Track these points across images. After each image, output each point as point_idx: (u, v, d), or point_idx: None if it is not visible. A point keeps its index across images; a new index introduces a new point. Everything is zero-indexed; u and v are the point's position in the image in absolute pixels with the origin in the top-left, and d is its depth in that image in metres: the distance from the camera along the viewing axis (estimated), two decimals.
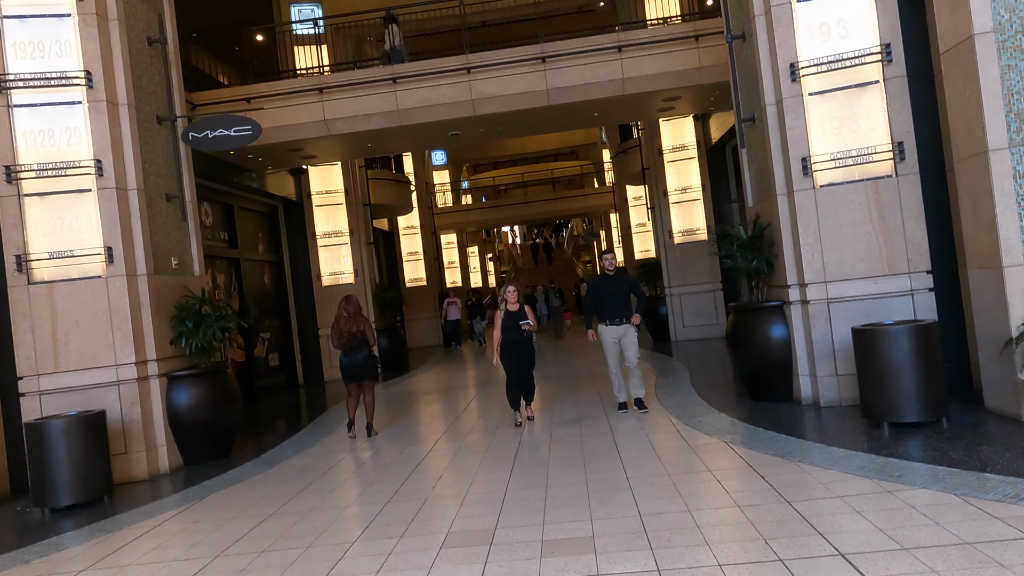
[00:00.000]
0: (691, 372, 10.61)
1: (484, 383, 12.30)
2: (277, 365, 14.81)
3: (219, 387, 8.04)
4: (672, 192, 15.69)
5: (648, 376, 10.63)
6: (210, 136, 8.24)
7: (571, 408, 8.63)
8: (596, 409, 8.40)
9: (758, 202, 8.06)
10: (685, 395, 8.64)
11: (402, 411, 10.05)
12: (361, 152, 13.96)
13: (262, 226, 15.00)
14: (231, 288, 13.24)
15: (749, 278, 7.75)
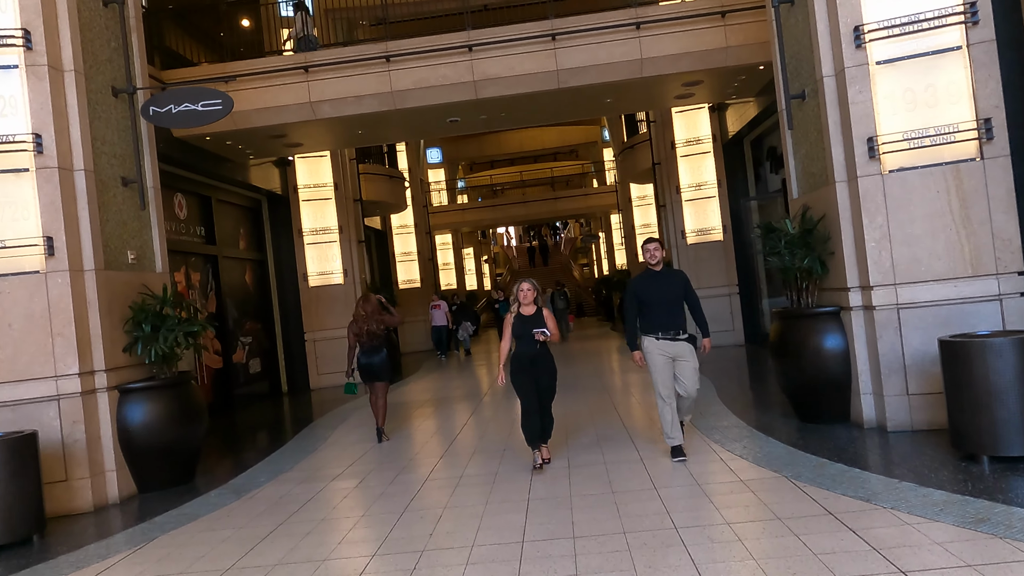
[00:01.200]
0: (716, 386, 9.54)
1: (485, 395, 11.20)
2: (259, 372, 13.68)
3: (181, 401, 6.91)
4: (685, 189, 14.64)
5: None
6: (174, 111, 7.13)
7: (587, 425, 7.54)
8: (616, 428, 7.31)
9: (807, 191, 7.00)
10: (718, 413, 7.56)
11: (393, 427, 8.94)
12: (351, 140, 12.86)
13: (244, 221, 13.87)
14: (208, 288, 12.11)
15: (799, 279, 6.68)
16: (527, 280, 6.09)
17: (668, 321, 5.76)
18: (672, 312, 5.78)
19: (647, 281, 5.89)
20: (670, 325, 5.76)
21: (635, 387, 10.23)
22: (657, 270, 5.89)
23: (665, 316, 5.75)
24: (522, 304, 6.03)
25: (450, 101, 10.27)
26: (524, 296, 6.01)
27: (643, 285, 5.88)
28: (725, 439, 6.34)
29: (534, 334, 5.85)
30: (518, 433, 7.44)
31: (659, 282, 5.84)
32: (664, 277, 5.89)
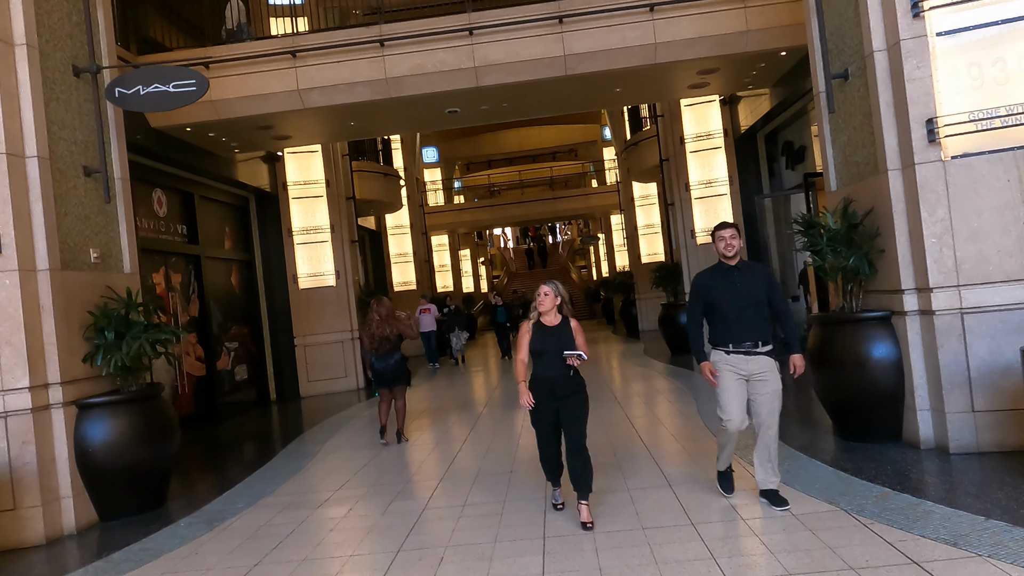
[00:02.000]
0: None
1: (483, 407, 10.46)
2: (245, 379, 12.91)
3: (149, 417, 6.15)
4: (695, 186, 13.94)
5: (684, 398, 8.84)
6: (143, 93, 6.38)
7: (602, 444, 6.79)
8: (635, 447, 6.58)
9: (849, 182, 6.27)
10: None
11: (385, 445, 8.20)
12: (343, 132, 12.11)
13: (230, 219, 13.11)
14: (190, 290, 11.35)
15: (844, 281, 5.96)
16: (549, 283, 4.76)
17: (744, 330, 4.48)
18: (749, 318, 4.49)
19: (719, 277, 4.60)
20: (746, 335, 4.47)
21: (651, 398, 9.50)
22: (732, 264, 4.58)
23: (740, 323, 4.49)
24: (541, 312, 4.71)
25: (449, 89, 9.54)
26: (543, 303, 4.69)
27: (713, 282, 4.61)
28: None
29: (565, 357, 4.52)
30: (525, 452, 6.72)
31: (734, 279, 4.54)
32: (741, 273, 4.56)
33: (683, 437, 6.76)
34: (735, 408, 4.55)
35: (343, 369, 14.03)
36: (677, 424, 7.43)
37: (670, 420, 7.67)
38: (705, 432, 6.85)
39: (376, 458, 7.42)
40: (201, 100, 9.51)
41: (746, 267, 4.64)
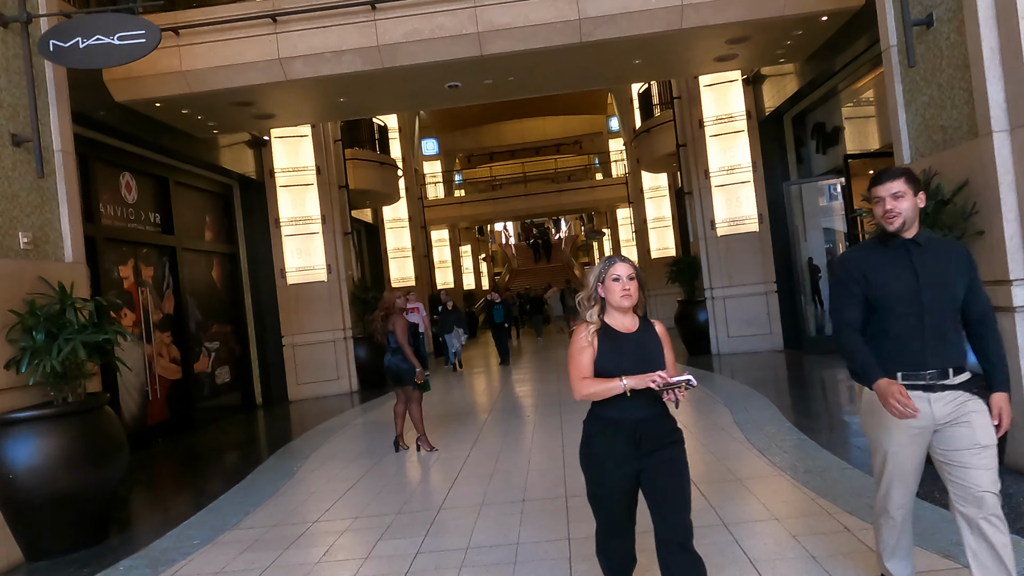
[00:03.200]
0: (777, 403, 7.76)
1: (484, 419, 9.41)
2: (228, 382, 11.87)
3: (88, 435, 5.12)
4: (715, 173, 12.88)
5: (713, 406, 7.79)
6: (82, 46, 5.34)
7: None
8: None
9: (930, 151, 5.22)
10: (799, 446, 5.79)
11: (377, 457, 7.16)
12: (332, 111, 11.05)
13: (210, 208, 12.06)
14: (163, 285, 10.30)
15: None
16: (622, 259, 2.86)
17: (930, 346, 2.68)
18: (937, 325, 2.68)
19: (885, 258, 2.75)
20: (934, 355, 2.68)
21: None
22: (908, 236, 2.72)
23: (923, 335, 2.67)
24: (615, 307, 2.83)
25: (449, 58, 8.48)
26: (622, 292, 2.79)
27: (876, 263, 2.75)
28: (827, 485, 4.56)
29: (660, 389, 2.61)
30: (536, 475, 5.66)
31: (911, 261, 2.71)
32: (924, 251, 2.72)
33: (727, 457, 5.72)
34: (907, 483, 2.78)
35: (335, 371, 13.00)
36: (716, 441, 6.38)
37: (707, 436, 6.62)
38: (751, 451, 5.79)
39: (366, 477, 6.38)
40: (171, 71, 8.54)
41: (930, 244, 2.76)
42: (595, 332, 2.81)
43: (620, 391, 2.66)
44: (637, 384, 2.63)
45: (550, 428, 7.65)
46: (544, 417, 8.39)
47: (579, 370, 2.79)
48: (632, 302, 2.79)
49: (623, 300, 2.78)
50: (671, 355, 2.85)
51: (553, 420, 8.09)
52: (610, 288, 2.79)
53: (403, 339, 7.04)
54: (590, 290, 2.87)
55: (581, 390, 2.76)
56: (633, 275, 2.80)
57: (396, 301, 7.26)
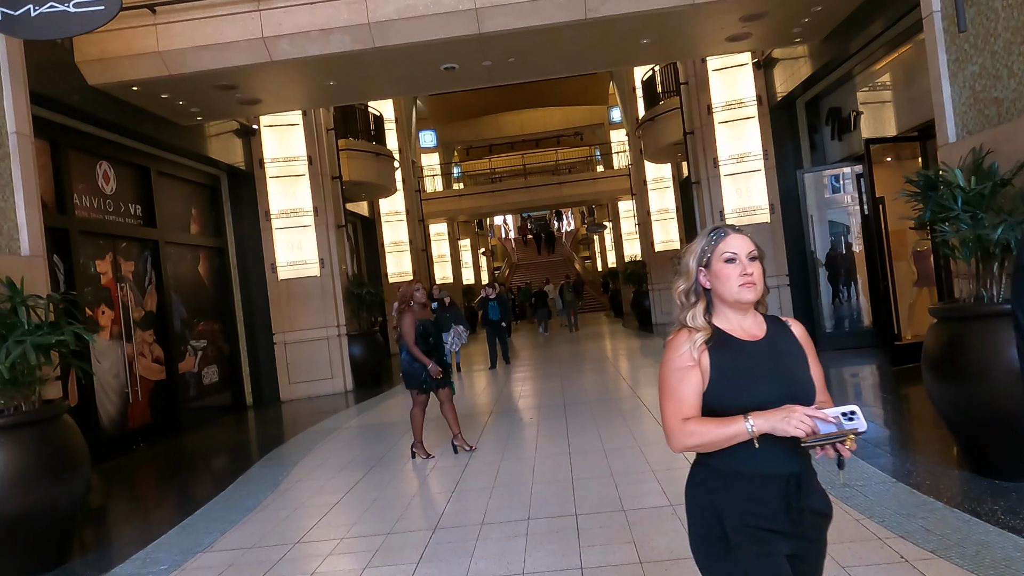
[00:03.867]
0: None
1: (492, 415, 8.89)
2: (216, 382, 11.34)
3: (43, 448, 4.58)
4: (725, 161, 12.33)
5: None
6: (34, 13, 4.80)
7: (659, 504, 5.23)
8: None
9: (981, 127, 4.68)
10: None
11: (369, 466, 6.63)
12: (322, 96, 10.47)
13: (196, 200, 11.51)
14: (145, 281, 9.76)
15: (982, 260, 4.37)
16: (734, 230, 1.89)
17: None
18: None
19: None
20: None
21: None
22: None
23: None
24: (729, 304, 1.85)
25: (444, 37, 7.93)
26: (742, 280, 1.81)
27: None
28: (887, 511, 4.03)
29: (812, 444, 1.67)
30: (541, 488, 5.12)
31: None
32: None
33: None
34: None
35: (328, 369, 12.47)
36: None
37: None
38: None
39: (356, 489, 5.85)
40: (147, 51, 7.98)
41: None
42: (703, 343, 1.79)
43: (745, 437, 1.69)
44: (771, 427, 1.66)
45: (554, 433, 7.13)
46: (547, 420, 7.87)
47: (680, 406, 1.77)
48: (756, 295, 1.81)
49: (744, 292, 1.79)
50: (820, 372, 1.89)
51: (557, 424, 7.56)
52: (722, 274, 1.81)
53: (408, 337, 6.46)
54: (688, 277, 1.87)
55: (683, 439, 1.75)
56: (755, 253, 1.84)
57: (414, 294, 6.60)
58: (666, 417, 1.79)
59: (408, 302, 6.61)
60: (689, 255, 1.89)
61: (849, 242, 11.20)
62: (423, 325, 6.54)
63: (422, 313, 6.64)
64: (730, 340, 1.82)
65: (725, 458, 1.77)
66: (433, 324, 6.65)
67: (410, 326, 6.48)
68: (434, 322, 6.66)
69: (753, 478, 1.76)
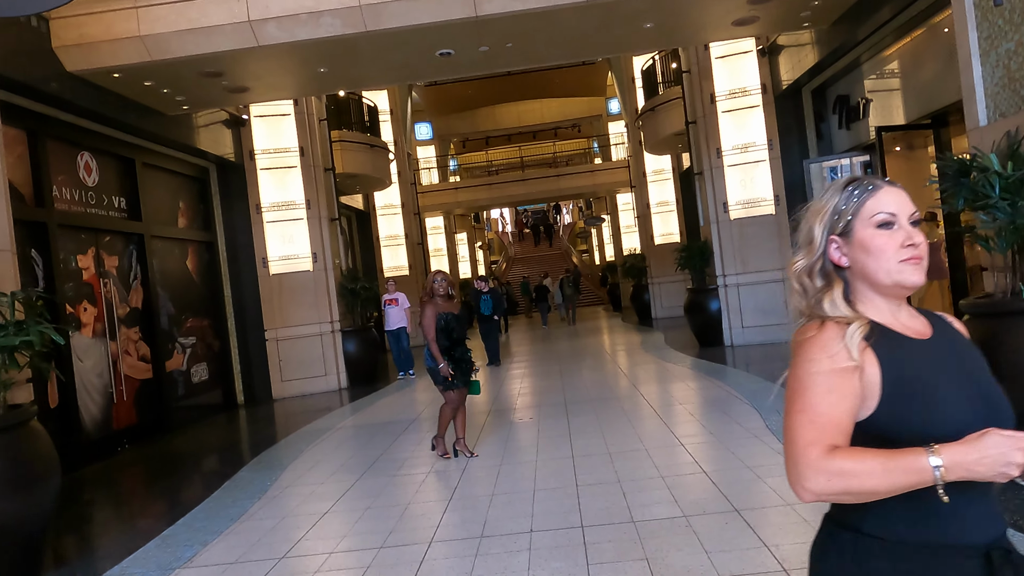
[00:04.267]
0: None
1: (490, 415, 8.58)
2: (205, 380, 11.00)
3: (9, 458, 4.26)
4: (728, 151, 12.01)
5: (740, 408, 6.95)
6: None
7: (661, 496, 4.92)
8: (708, 495, 4.70)
9: (1015, 109, 4.36)
10: None
11: (361, 469, 6.31)
12: (312, 83, 10.12)
13: (184, 192, 11.15)
14: (130, 276, 9.42)
15: (1020, 251, 4.06)
16: (888, 183, 1.32)
17: None
18: None
19: None
20: None
21: (700, 408, 7.62)
22: None
23: None
24: (885, 288, 1.30)
25: (440, 20, 7.58)
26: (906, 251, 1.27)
27: None
28: None
29: None
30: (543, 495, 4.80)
31: None
32: None
33: (770, 473, 4.87)
34: None
35: (322, 366, 12.14)
36: (751, 453, 5.54)
37: (740, 446, 5.78)
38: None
39: (348, 496, 5.54)
40: (128, 36, 7.61)
41: None
42: (863, 339, 1.22)
43: (928, 483, 1.11)
44: (971, 467, 1.09)
45: (556, 434, 6.81)
46: (548, 420, 7.55)
47: (823, 429, 1.17)
48: (924, 276, 1.28)
49: (909, 271, 1.27)
50: None
51: (559, 424, 7.25)
52: (873, 245, 1.28)
53: (428, 331, 6.05)
54: (812, 250, 1.34)
55: (826, 481, 1.14)
56: (918, 215, 1.31)
57: (434, 285, 6.13)
58: (797, 444, 1.18)
59: (431, 294, 6.19)
60: (815, 218, 1.35)
61: None
62: (445, 319, 6.10)
63: (445, 306, 6.17)
64: (897, 338, 1.26)
65: (893, 521, 1.19)
66: (456, 318, 6.17)
67: (431, 320, 6.07)
68: (457, 316, 6.19)
69: (940, 553, 1.16)
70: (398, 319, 12.74)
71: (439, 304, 6.15)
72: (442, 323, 6.10)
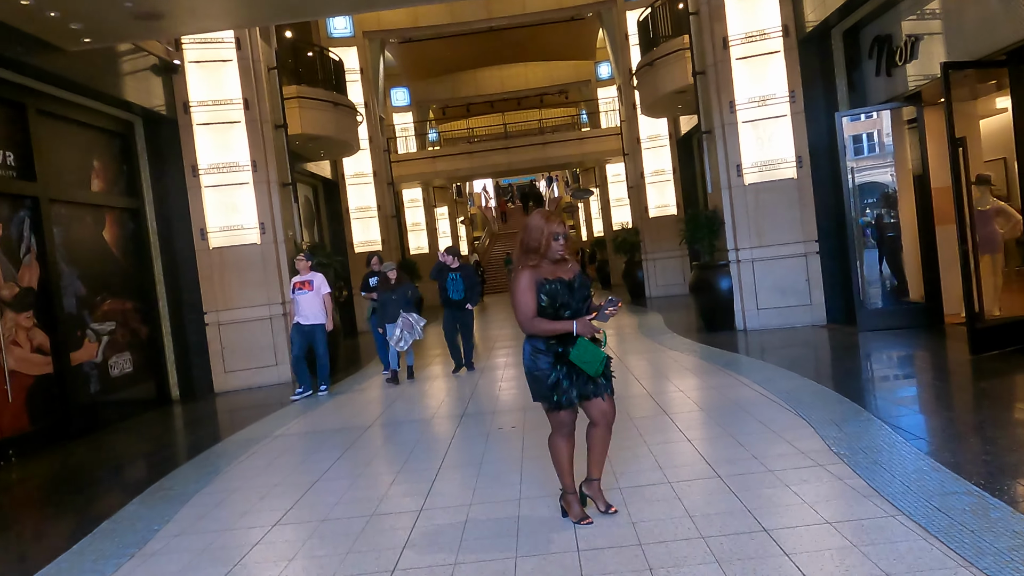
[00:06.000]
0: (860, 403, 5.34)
1: (468, 419, 6.98)
2: (129, 373, 9.30)
3: None
4: (743, 105, 10.35)
5: (781, 416, 5.36)
6: None
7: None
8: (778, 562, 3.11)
9: None
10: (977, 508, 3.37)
11: (295, 496, 4.67)
12: (248, 10, 8.31)
13: (100, 149, 9.36)
14: (21, 249, 7.66)
15: None
16: None
17: None
18: None
19: None
20: None
21: (728, 417, 6.02)
22: None
23: None
24: None
25: None
26: None
27: None
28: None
29: None
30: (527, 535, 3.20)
31: None
32: None
33: (867, 537, 3.28)
34: None
35: (272, 355, 10.47)
36: (827, 498, 3.95)
37: (805, 486, 4.18)
38: (899, 522, 3.36)
39: (266, 541, 3.92)
40: None
41: None
42: None
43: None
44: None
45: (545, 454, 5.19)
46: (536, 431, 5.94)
47: None
48: None
49: None
50: None
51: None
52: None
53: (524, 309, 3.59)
54: None
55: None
56: None
57: (550, 239, 3.60)
58: None
59: (536, 251, 3.63)
60: None
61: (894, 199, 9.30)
62: (552, 287, 3.61)
63: (553, 269, 3.65)
64: None
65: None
66: (567, 287, 3.62)
67: (527, 292, 3.60)
68: (569, 284, 3.64)
69: None
70: (312, 309, 8.84)
71: (544, 268, 3.64)
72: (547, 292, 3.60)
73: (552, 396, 3.64)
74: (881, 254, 9.39)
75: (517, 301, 3.61)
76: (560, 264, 3.66)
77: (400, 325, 9.04)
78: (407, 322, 9.03)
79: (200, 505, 4.94)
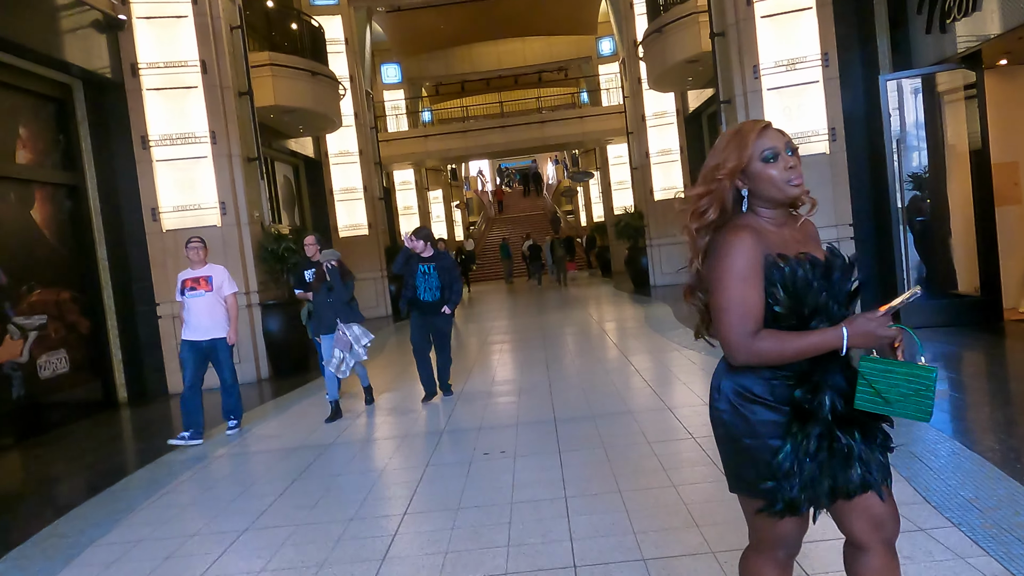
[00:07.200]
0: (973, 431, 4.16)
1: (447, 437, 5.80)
2: (65, 373, 8.09)
3: None
4: (769, 70, 9.11)
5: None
6: None
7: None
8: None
9: None
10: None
11: (217, 546, 3.49)
12: None
13: (29, 117, 8.12)
14: None
15: None
16: None
17: None
18: None
19: None
20: None
21: None
22: None
23: None
24: None
25: None
26: None
27: None
28: None
29: None
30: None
31: None
32: None
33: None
34: None
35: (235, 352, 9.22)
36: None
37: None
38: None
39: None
40: None
41: None
42: None
43: None
44: None
45: (543, 480, 4.00)
46: (531, 456, 4.76)
47: None
48: None
49: None
50: None
51: (548, 462, 4.46)
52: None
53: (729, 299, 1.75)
54: None
55: None
56: None
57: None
58: None
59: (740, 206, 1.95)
60: None
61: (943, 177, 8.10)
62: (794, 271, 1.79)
63: (782, 236, 1.87)
64: None
65: None
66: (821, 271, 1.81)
67: (751, 279, 1.77)
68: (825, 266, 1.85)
69: None
70: (211, 319, 6.27)
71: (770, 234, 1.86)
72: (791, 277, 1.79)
73: (776, 490, 1.80)
74: (927, 240, 8.20)
75: (728, 298, 1.77)
76: (789, 222, 1.90)
77: (340, 336, 6.43)
78: (343, 339, 6.40)
79: (94, 561, 3.77)
